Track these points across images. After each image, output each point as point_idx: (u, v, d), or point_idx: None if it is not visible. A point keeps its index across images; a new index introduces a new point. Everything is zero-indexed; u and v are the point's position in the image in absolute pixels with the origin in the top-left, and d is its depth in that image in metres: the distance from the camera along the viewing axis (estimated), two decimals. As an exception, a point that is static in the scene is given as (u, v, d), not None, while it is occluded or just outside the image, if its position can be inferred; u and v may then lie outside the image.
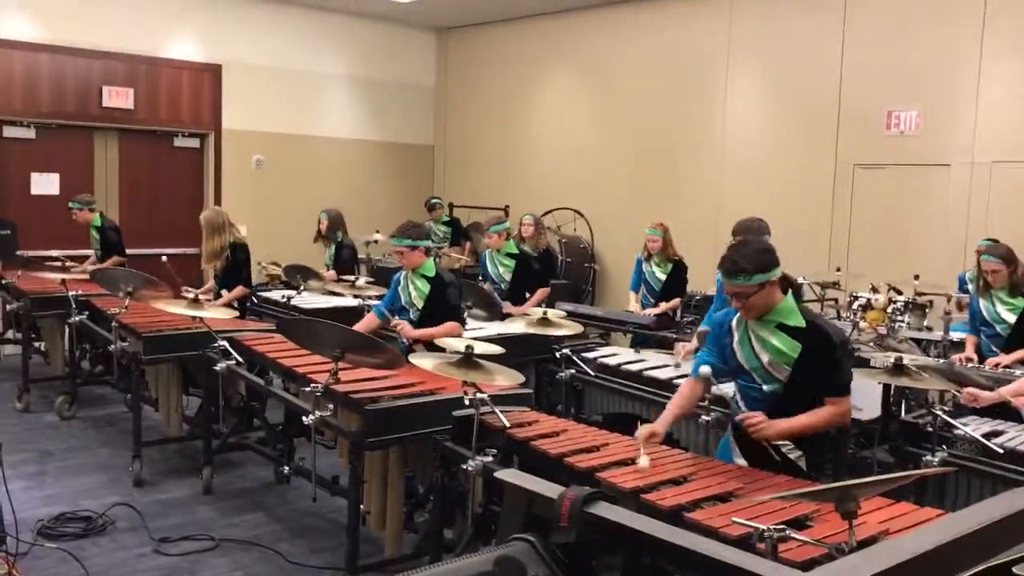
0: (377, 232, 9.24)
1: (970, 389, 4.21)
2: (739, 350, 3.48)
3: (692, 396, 3.65)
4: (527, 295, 7.06)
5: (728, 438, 3.64)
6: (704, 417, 3.95)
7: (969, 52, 7.30)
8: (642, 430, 3.45)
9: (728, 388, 3.65)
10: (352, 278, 7.44)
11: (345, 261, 7.88)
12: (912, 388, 4.39)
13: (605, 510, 1.26)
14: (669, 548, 1.22)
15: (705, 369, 3.52)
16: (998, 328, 5.34)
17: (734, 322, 3.52)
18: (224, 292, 6.71)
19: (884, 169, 7.85)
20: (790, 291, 3.45)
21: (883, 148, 7.85)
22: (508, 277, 7.15)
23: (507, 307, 6.78)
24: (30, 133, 9.10)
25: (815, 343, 3.33)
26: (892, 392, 4.44)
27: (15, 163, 9.03)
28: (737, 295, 3.35)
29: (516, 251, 7.24)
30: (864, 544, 2.23)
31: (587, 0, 9.91)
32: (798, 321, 3.37)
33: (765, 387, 3.41)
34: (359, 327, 5.26)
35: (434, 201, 10.60)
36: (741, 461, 3.45)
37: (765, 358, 3.39)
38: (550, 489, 1.35)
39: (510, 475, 1.41)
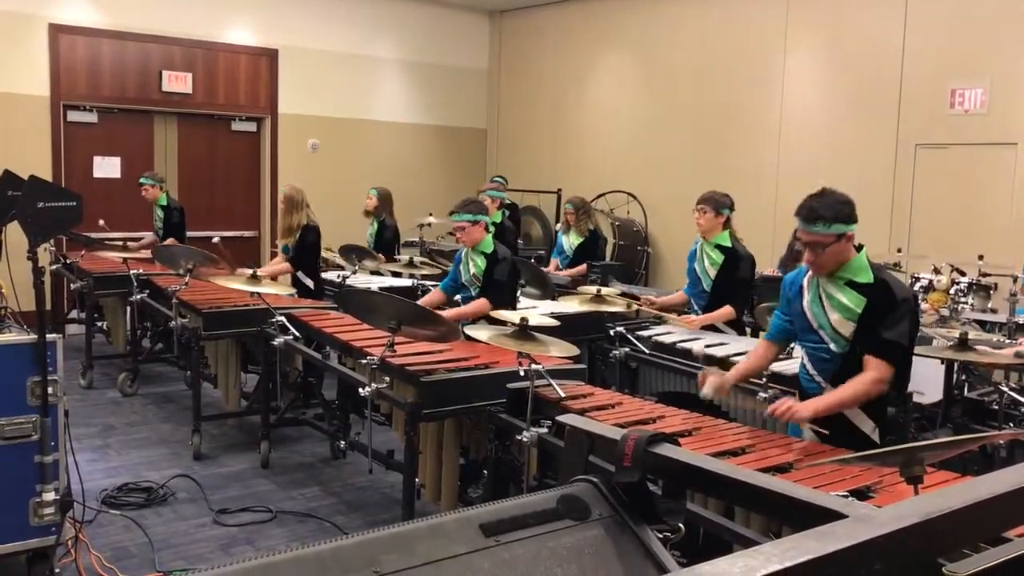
0: (430, 215, 9.27)
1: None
2: (810, 310, 3.37)
3: (766, 357, 3.61)
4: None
5: None
6: (761, 394, 3.90)
7: (1038, 27, 7.09)
8: (711, 378, 3.49)
9: (790, 366, 3.58)
10: (402, 259, 7.46)
11: (388, 242, 7.91)
12: (977, 364, 4.29)
13: (670, 451, 1.25)
14: (737, 486, 1.20)
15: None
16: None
17: (806, 281, 3.43)
18: (301, 275, 6.69)
19: (947, 149, 7.66)
20: (864, 249, 3.36)
21: (946, 127, 7.65)
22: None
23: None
24: (92, 117, 9.28)
25: (879, 299, 3.21)
26: (955, 371, 4.34)
27: (78, 146, 9.22)
28: (812, 244, 3.24)
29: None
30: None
31: (641, -19, 9.83)
32: (867, 277, 3.26)
33: (834, 347, 3.30)
34: (423, 302, 5.28)
35: (497, 179, 10.34)
36: (810, 436, 3.35)
37: (834, 316, 3.29)
38: (612, 431, 1.34)
39: (571, 419, 1.40)
